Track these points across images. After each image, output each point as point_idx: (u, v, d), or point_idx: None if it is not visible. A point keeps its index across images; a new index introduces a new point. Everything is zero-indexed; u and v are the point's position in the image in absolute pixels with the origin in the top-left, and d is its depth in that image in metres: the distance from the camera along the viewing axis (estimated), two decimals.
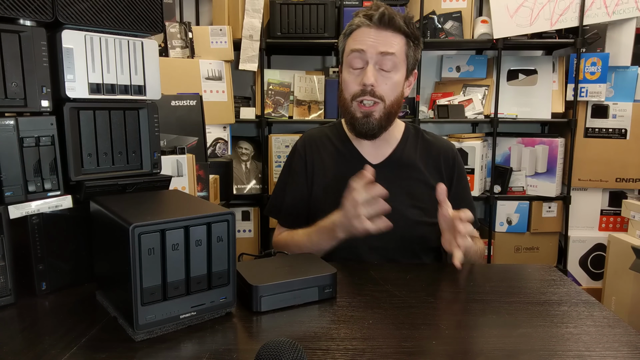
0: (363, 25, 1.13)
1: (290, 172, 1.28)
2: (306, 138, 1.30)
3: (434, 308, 0.82)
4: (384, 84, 1.13)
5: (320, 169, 1.24)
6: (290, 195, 1.25)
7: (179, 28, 2.16)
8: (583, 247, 2.48)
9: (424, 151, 1.25)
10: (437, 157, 1.24)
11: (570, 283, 0.94)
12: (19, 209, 0.80)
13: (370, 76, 1.11)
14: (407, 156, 1.23)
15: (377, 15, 1.11)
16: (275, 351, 0.55)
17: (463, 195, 1.24)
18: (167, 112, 1.72)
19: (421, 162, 1.23)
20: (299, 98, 2.47)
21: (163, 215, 0.70)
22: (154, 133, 0.94)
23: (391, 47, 1.11)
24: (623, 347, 0.69)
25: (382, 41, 1.11)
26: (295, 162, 1.27)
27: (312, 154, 1.26)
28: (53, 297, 0.85)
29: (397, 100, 1.16)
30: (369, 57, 1.12)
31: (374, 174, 1.00)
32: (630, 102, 2.38)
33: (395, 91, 1.15)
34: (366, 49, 1.11)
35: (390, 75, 1.13)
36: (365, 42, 1.12)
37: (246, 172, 2.52)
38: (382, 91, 1.13)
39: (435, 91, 2.67)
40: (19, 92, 0.79)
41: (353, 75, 1.15)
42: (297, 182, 1.26)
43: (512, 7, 2.33)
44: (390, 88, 1.14)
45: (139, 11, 0.90)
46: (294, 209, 1.25)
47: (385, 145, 1.23)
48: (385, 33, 1.12)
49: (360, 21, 1.13)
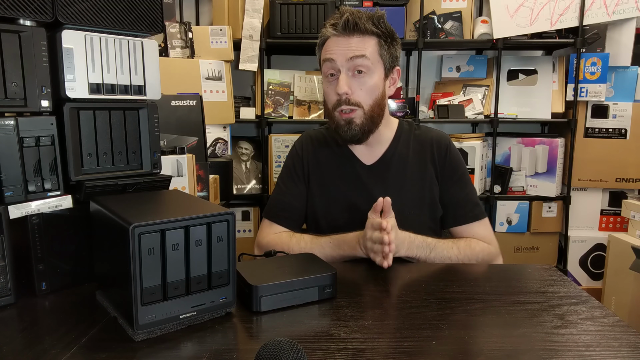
0: (331, 34, 1.14)
1: (289, 172, 1.28)
2: (303, 138, 1.32)
3: (434, 308, 0.82)
4: (359, 89, 1.13)
5: (316, 169, 1.26)
6: (290, 194, 1.26)
7: (179, 28, 2.16)
8: (583, 247, 2.48)
9: (417, 146, 1.25)
10: (430, 149, 1.24)
11: (570, 283, 0.94)
12: (19, 209, 0.80)
13: (343, 85, 1.12)
14: (399, 154, 1.23)
15: (341, 22, 1.11)
16: (275, 351, 0.55)
17: (458, 187, 1.23)
18: (167, 112, 1.72)
19: (414, 158, 1.23)
20: (299, 98, 2.47)
21: (163, 215, 0.70)
22: (154, 133, 0.94)
23: (361, 51, 1.11)
24: (623, 347, 0.69)
25: (351, 47, 1.12)
26: (294, 162, 1.28)
27: (309, 154, 1.28)
28: (53, 297, 0.85)
29: (377, 102, 1.16)
30: (340, 65, 1.13)
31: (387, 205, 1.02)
32: (630, 102, 2.38)
33: (373, 94, 1.15)
34: (335, 57, 1.12)
35: (365, 80, 1.13)
36: (335, 51, 1.13)
37: (246, 172, 2.52)
38: (357, 97, 1.14)
39: (435, 91, 2.67)
40: (19, 92, 0.79)
41: (330, 85, 1.16)
42: (296, 182, 1.26)
43: (512, 7, 2.33)
44: (367, 92, 1.14)
45: (139, 11, 0.90)
46: (294, 208, 1.25)
47: (377, 145, 1.24)
48: (353, 39, 1.12)
49: (328, 31, 1.14)
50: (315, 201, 1.24)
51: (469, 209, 1.21)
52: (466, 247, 1.14)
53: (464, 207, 1.21)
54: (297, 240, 1.16)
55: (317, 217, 1.24)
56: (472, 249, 1.14)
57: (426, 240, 1.10)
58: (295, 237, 1.18)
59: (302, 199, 1.26)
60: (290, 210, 1.25)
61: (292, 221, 1.25)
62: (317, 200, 1.24)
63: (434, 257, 1.10)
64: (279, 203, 1.26)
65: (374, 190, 1.20)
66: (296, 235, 1.19)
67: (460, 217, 1.21)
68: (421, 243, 1.09)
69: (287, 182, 1.27)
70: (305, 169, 1.27)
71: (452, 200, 1.22)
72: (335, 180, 1.24)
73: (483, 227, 1.21)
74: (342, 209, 1.22)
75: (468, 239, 1.17)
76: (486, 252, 1.16)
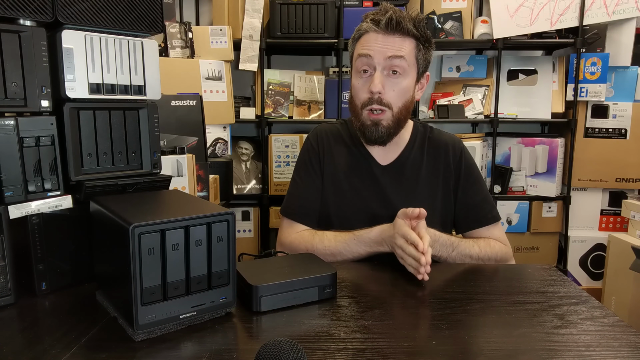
0: (371, 30, 1.11)
1: (305, 167, 1.25)
2: (318, 132, 1.29)
3: (434, 308, 0.82)
4: (392, 90, 1.12)
5: (331, 164, 1.24)
6: (308, 190, 1.23)
7: (179, 28, 2.16)
8: (583, 247, 2.48)
9: (432, 149, 1.24)
10: (445, 154, 1.23)
11: (570, 283, 0.94)
12: (19, 209, 0.80)
13: (377, 83, 1.10)
14: (414, 157, 1.23)
15: (385, 19, 1.09)
16: (275, 351, 0.55)
17: (475, 190, 1.22)
18: (167, 112, 1.72)
19: (428, 162, 1.23)
20: (299, 98, 2.47)
21: (163, 215, 0.70)
22: (154, 133, 0.94)
23: (399, 51, 1.10)
24: (623, 347, 0.69)
25: (390, 46, 1.10)
26: (310, 155, 1.25)
27: (324, 148, 1.25)
28: (53, 297, 0.85)
29: (405, 106, 1.15)
30: (377, 62, 1.10)
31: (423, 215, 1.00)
32: (630, 102, 2.38)
33: (404, 97, 1.14)
34: (373, 54, 1.10)
35: (399, 81, 1.12)
36: (373, 47, 1.10)
37: (246, 172, 2.52)
38: (389, 98, 1.12)
39: (435, 91, 2.67)
40: (19, 92, 0.79)
41: (361, 81, 1.14)
42: (313, 176, 1.24)
43: (512, 7, 2.33)
44: (398, 94, 1.13)
45: (139, 11, 0.90)
46: (313, 204, 1.22)
47: (394, 147, 1.23)
48: (393, 38, 1.10)
49: (368, 26, 1.12)
50: (328, 196, 1.22)
51: (488, 211, 1.21)
52: (486, 246, 1.14)
53: (483, 209, 1.21)
54: (320, 239, 1.14)
55: (328, 212, 1.22)
56: (492, 247, 1.15)
57: (450, 239, 1.10)
58: (317, 235, 1.15)
59: (319, 193, 1.23)
60: (309, 207, 1.22)
61: (312, 217, 1.22)
62: (330, 196, 1.22)
63: (456, 256, 1.09)
64: (297, 200, 1.23)
65: (387, 191, 1.19)
66: (318, 233, 1.16)
67: (481, 218, 1.20)
68: (445, 241, 1.08)
69: (304, 177, 1.24)
70: (321, 162, 1.24)
71: (470, 204, 1.21)
72: (349, 177, 1.22)
73: (499, 229, 1.22)
74: (354, 207, 1.20)
75: (487, 239, 1.18)
76: (503, 251, 1.17)
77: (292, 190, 1.25)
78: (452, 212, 1.23)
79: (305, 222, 1.21)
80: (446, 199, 1.22)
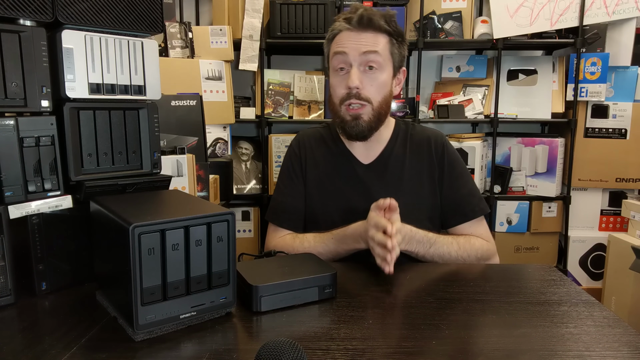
0: (344, 29, 1.14)
1: (287, 173, 1.28)
2: (300, 137, 1.32)
3: (434, 308, 0.82)
4: (370, 85, 1.14)
5: (314, 168, 1.25)
6: (291, 195, 1.25)
7: (179, 28, 2.16)
8: (583, 247, 2.48)
9: (414, 145, 1.25)
10: (427, 148, 1.24)
11: (570, 283, 0.94)
12: (19, 209, 0.80)
13: (355, 78, 1.12)
14: (396, 154, 1.23)
15: (356, 17, 1.12)
16: (275, 351, 0.55)
17: (460, 183, 1.22)
18: (167, 112, 1.72)
19: (411, 158, 1.23)
20: (299, 98, 2.47)
21: (163, 215, 0.70)
22: (154, 133, 0.94)
23: (374, 46, 1.12)
24: (623, 347, 0.69)
25: (364, 42, 1.12)
26: (291, 161, 1.28)
27: (306, 152, 1.27)
28: (53, 297, 0.85)
29: (385, 100, 1.16)
30: (352, 59, 1.12)
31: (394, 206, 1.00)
32: (630, 102, 2.38)
33: (383, 91, 1.15)
34: (348, 51, 1.12)
35: (376, 76, 1.14)
36: (347, 44, 1.13)
37: (246, 172, 2.52)
38: (368, 93, 1.13)
39: (435, 91, 2.67)
40: (19, 92, 0.79)
41: (339, 78, 1.16)
42: (295, 182, 1.26)
43: (512, 7, 2.33)
44: (377, 89, 1.14)
45: (139, 11, 0.90)
46: (296, 209, 1.25)
47: (375, 144, 1.24)
48: (366, 34, 1.12)
49: (341, 25, 1.14)
50: (313, 200, 1.24)
51: (475, 204, 1.21)
52: (466, 243, 1.14)
53: (470, 202, 1.21)
54: (301, 241, 1.17)
55: (315, 215, 1.24)
56: (472, 244, 1.15)
57: (427, 235, 1.10)
58: (298, 238, 1.18)
59: (302, 198, 1.25)
60: (292, 212, 1.24)
61: (295, 222, 1.24)
62: (315, 199, 1.24)
63: (433, 253, 1.10)
64: (280, 205, 1.26)
65: (372, 189, 1.20)
66: (299, 236, 1.19)
67: (468, 212, 1.20)
68: (422, 238, 1.09)
69: (287, 183, 1.27)
70: (303, 167, 1.26)
71: (457, 197, 1.21)
72: (333, 179, 1.24)
73: (483, 226, 1.22)
74: (340, 208, 1.21)
75: (468, 235, 1.18)
76: (485, 248, 1.17)
77: (276, 196, 1.28)
78: (439, 207, 1.23)
79: (289, 226, 1.24)
80: (432, 194, 1.22)
